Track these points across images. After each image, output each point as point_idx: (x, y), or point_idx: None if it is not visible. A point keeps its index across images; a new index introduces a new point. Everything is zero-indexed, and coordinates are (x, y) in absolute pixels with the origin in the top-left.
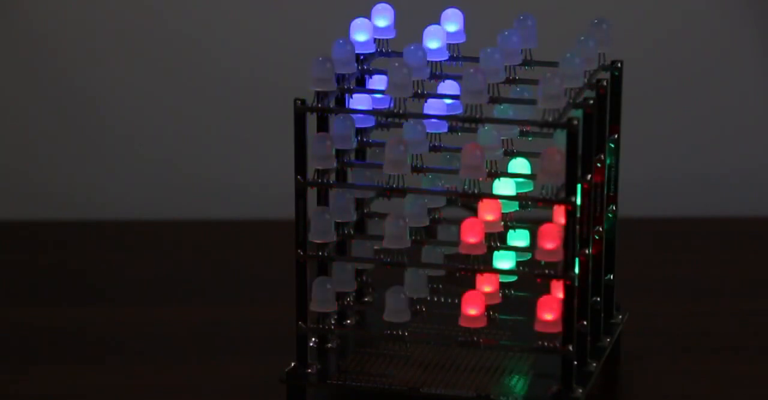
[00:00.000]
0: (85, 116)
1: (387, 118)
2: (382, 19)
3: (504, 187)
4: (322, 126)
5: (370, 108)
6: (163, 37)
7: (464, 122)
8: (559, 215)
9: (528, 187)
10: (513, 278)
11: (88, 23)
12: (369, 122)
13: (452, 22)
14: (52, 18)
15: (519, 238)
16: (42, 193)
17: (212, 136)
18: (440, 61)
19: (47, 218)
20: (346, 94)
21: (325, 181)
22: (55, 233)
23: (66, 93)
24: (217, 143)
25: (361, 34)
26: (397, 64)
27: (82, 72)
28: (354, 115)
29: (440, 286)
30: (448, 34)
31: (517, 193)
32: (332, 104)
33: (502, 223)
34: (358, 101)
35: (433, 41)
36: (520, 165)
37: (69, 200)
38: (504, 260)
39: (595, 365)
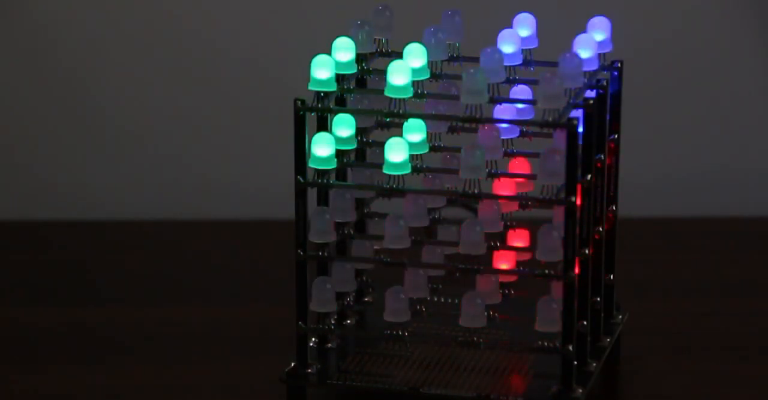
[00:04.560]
0: (85, 117)
1: (387, 118)
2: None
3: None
4: (322, 126)
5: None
6: (163, 37)
7: (464, 122)
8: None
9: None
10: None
11: (91, 22)
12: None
13: (454, 23)
14: (56, 16)
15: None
16: (42, 193)
17: (212, 137)
18: (441, 61)
19: (47, 218)
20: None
21: (325, 181)
22: (55, 233)
23: (67, 94)
24: (217, 143)
25: (362, 34)
26: (398, 64)
27: (82, 73)
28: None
29: (440, 286)
30: (449, 34)
31: (518, 194)
32: (332, 104)
33: (502, 223)
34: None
35: (435, 41)
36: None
37: (69, 199)
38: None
39: (595, 365)
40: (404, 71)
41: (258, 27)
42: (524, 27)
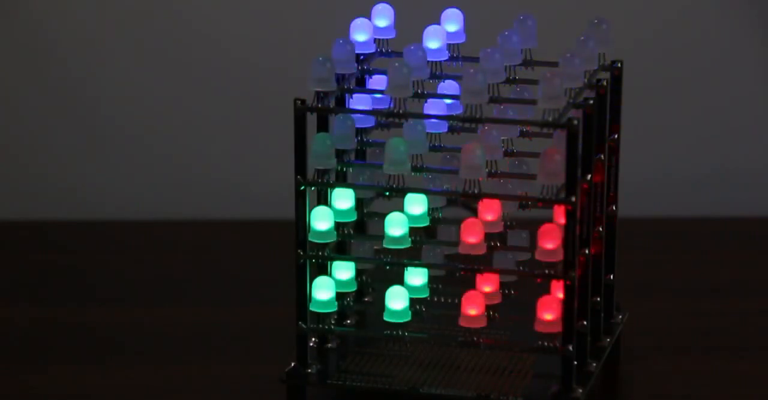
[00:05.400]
0: (85, 117)
1: (387, 118)
2: (382, 19)
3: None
4: (322, 126)
5: (370, 108)
6: (163, 37)
7: (464, 122)
8: (560, 215)
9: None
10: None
11: (91, 22)
12: (369, 122)
13: (452, 22)
14: (55, 16)
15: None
16: (43, 193)
17: (212, 137)
18: (440, 61)
19: (47, 218)
20: (346, 94)
21: (325, 181)
22: (55, 233)
23: (67, 94)
24: (217, 143)
25: (361, 34)
26: (397, 64)
27: (82, 73)
28: (354, 115)
29: (440, 286)
30: (448, 34)
31: (518, 193)
32: (332, 104)
33: (502, 223)
34: (358, 101)
35: (433, 41)
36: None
37: (69, 199)
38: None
39: (595, 365)
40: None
41: (258, 27)
42: (524, 27)
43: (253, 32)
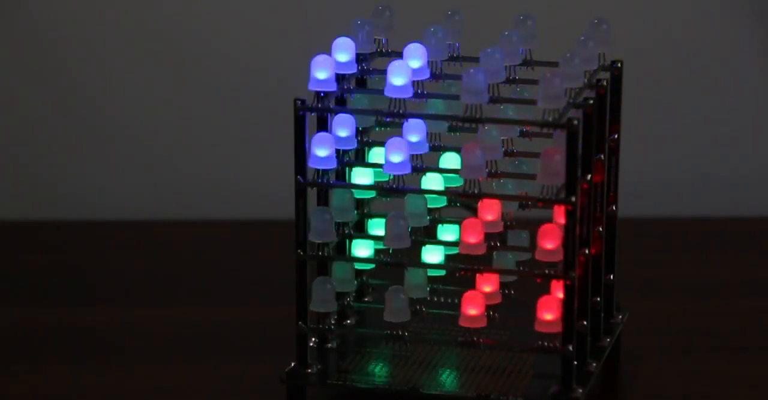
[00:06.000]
0: (85, 117)
1: (387, 118)
2: (343, 53)
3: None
4: (322, 126)
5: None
6: (162, 38)
7: (464, 122)
8: (560, 215)
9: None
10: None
11: (91, 23)
12: (369, 122)
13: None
14: (56, 17)
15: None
16: (43, 193)
17: (212, 137)
18: (440, 61)
19: (47, 218)
20: (346, 94)
21: (325, 181)
22: (55, 233)
23: (67, 94)
24: (217, 143)
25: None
26: (397, 65)
27: (82, 73)
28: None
29: (440, 286)
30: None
31: (517, 193)
32: (332, 104)
33: (502, 223)
34: (358, 101)
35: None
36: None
37: (69, 199)
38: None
39: (595, 365)
40: (404, 71)
41: (258, 27)
42: (524, 27)
43: (254, 32)
